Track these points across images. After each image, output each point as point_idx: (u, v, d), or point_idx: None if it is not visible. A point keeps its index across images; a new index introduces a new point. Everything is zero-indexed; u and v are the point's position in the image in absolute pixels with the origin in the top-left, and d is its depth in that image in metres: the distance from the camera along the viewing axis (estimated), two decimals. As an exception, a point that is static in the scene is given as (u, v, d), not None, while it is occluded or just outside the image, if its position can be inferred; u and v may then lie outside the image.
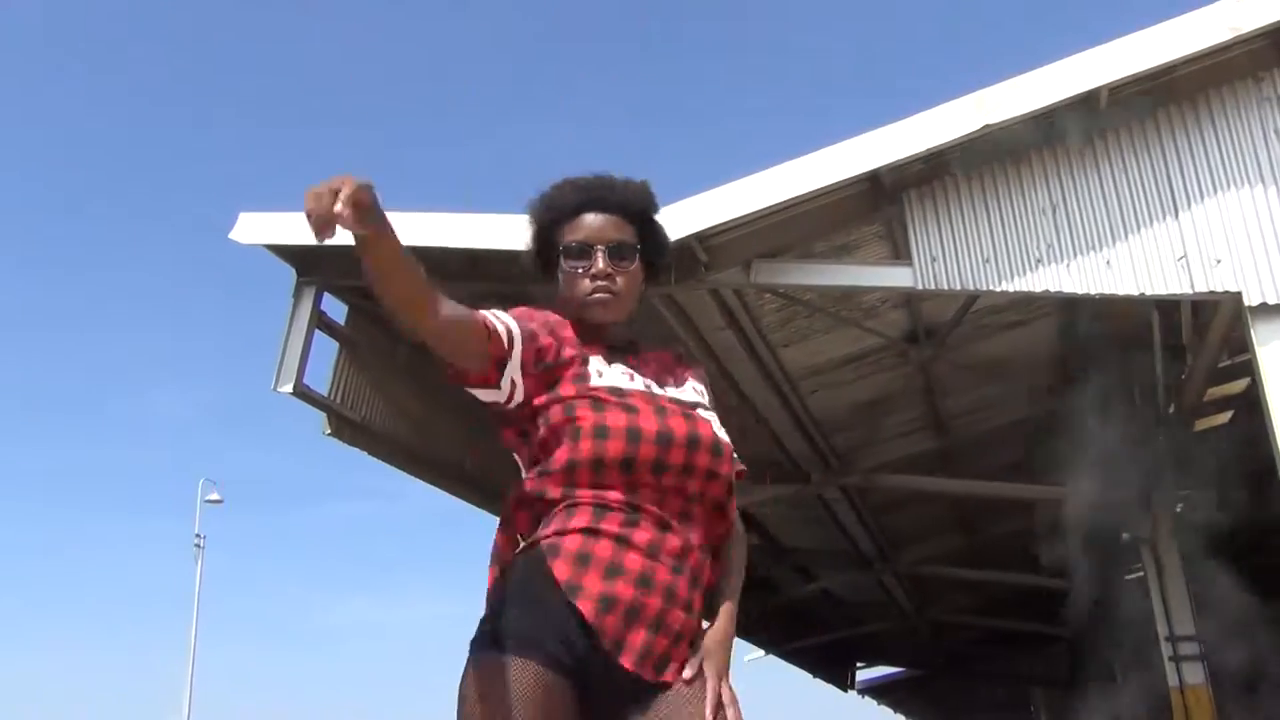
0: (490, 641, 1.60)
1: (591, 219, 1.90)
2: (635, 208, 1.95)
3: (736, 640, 1.86)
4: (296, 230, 5.15)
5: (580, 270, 1.88)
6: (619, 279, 1.88)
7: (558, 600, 1.60)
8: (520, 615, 1.62)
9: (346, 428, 5.60)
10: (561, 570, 1.62)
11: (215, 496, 26.06)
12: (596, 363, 1.84)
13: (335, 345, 5.53)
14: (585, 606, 1.60)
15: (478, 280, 5.14)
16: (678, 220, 4.67)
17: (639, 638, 1.63)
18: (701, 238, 4.82)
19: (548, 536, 1.66)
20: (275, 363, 5.11)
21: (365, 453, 5.78)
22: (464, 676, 1.61)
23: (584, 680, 1.61)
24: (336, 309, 5.53)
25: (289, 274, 5.30)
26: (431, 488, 6.57)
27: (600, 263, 1.87)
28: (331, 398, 5.44)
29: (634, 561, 1.67)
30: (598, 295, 1.87)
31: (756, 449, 7.56)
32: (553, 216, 1.93)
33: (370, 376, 5.76)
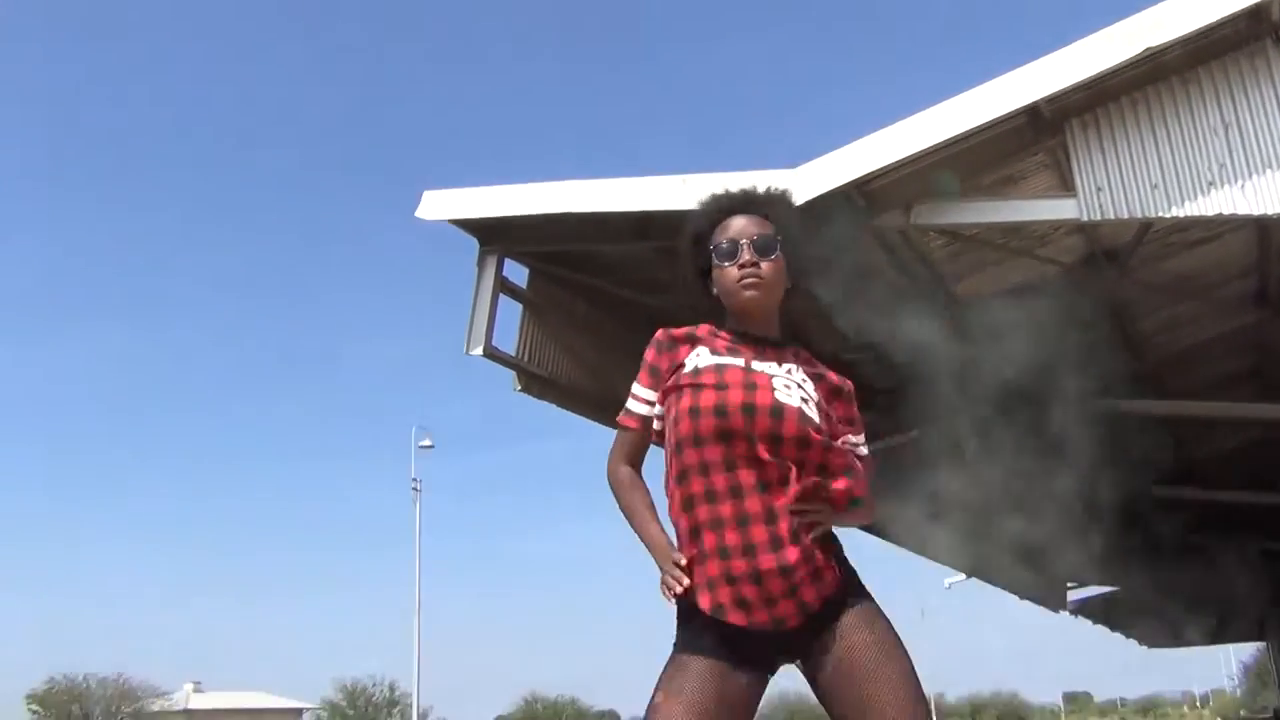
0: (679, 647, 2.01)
1: (737, 220, 2.20)
2: (783, 213, 2.24)
3: (939, 565, 2.24)
4: (476, 204, 5.53)
5: (729, 264, 2.18)
6: (763, 266, 2.16)
7: (697, 620, 1.99)
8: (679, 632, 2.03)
9: (535, 383, 5.98)
10: (695, 591, 1.98)
11: (427, 442, 27.71)
12: (701, 351, 2.13)
13: (519, 307, 5.90)
14: (703, 601, 1.97)
15: (648, 239, 5.40)
16: (835, 169, 4.77)
17: (743, 594, 1.95)
18: (860, 184, 4.90)
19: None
20: (466, 328, 5.53)
21: (553, 404, 6.16)
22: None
23: (740, 656, 1.97)
24: (518, 273, 5.89)
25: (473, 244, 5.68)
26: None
27: (746, 254, 2.16)
28: (519, 356, 5.83)
29: (751, 536, 1.96)
30: (746, 280, 2.16)
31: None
32: (709, 222, 2.24)
33: (553, 333, 6.12)
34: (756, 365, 2.11)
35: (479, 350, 5.48)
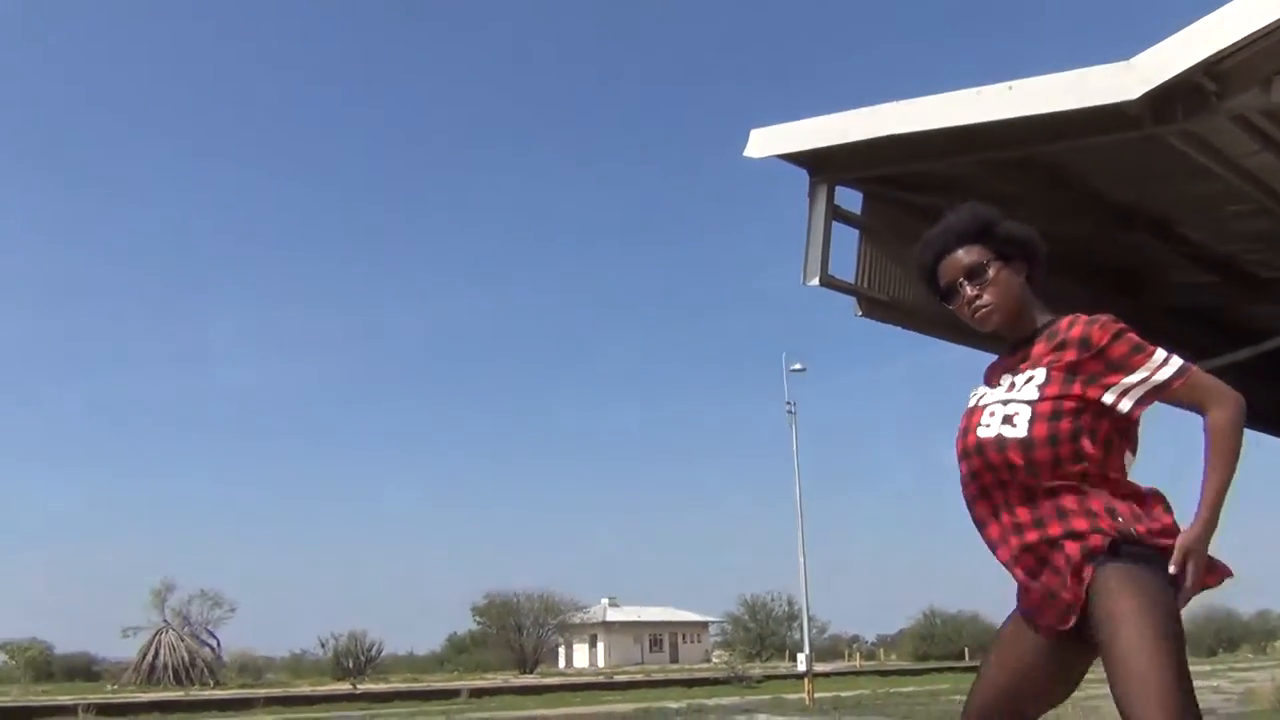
0: None
1: (945, 265, 2.44)
2: (969, 232, 2.43)
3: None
4: (802, 137, 5.64)
5: (957, 306, 2.44)
6: (985, 293, 2.37)
7: None
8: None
9: (877, 307, 6.03)
10: None
11: (798, 366, 28.14)
12: (978, 390, 2.41)
13: (854, 234, 5.96)
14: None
15: (976, 153, 5.28)
16: (1170, 57, 4.42)
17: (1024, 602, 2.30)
18: (1207, 66, 4.50)
19: None
20: (801, 259, 5.68)
21: (899, 327, 6.19)
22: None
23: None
24: (850, 200, 5.94)
25: (803, 176, 5.80)
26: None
27: (968, 292, 2.39)
28: (858, 283, 5.90)
29: (1002, 554, 2.28)
30: (980, 315, 2.40)
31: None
32: (927, 281, 2.52)
33: (891, 255, 6.12)
34: (987, 397, 2.35)
35: (815, 280, 5.62)
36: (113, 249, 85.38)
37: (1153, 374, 2.21)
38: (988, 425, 2.29)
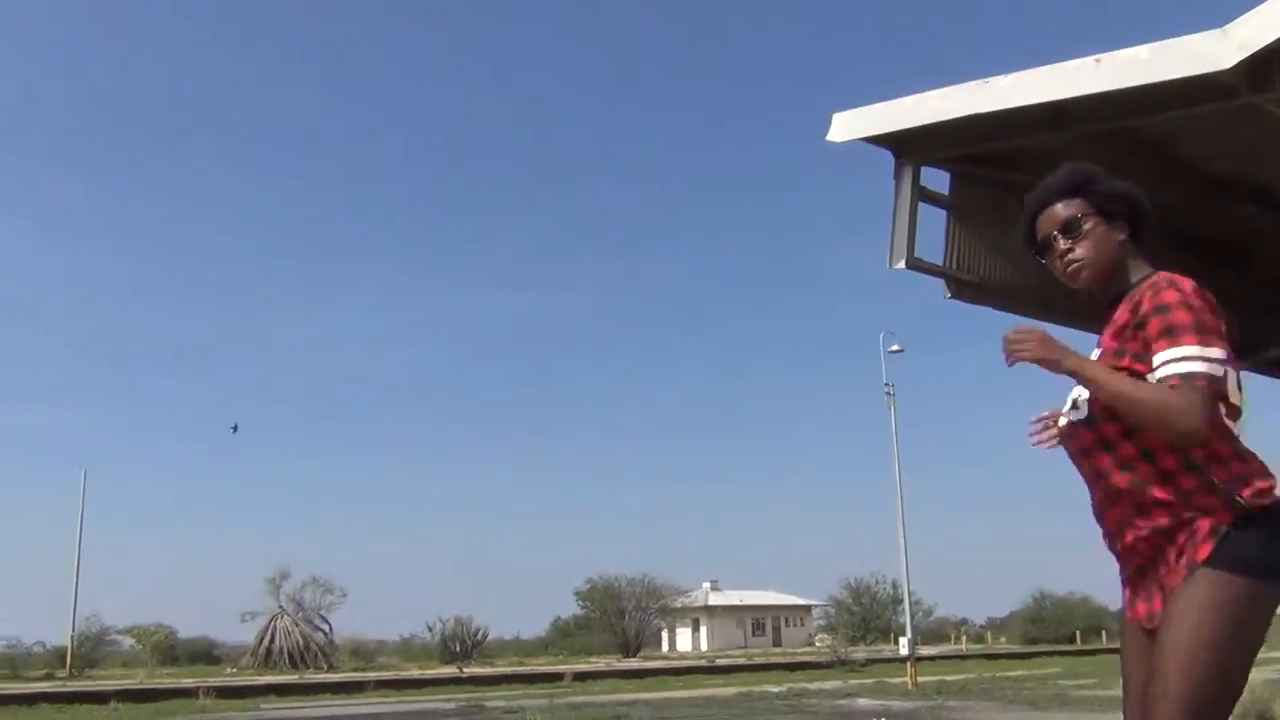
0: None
1: (1041, 220, 2.42)
2: (1067, 187, 2.40)
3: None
4: (886, 119, 5.59)
5: (1050, 261, 2.41)
6: (1078, 247, 2.33)
7: None
8: None
9: (966, 288, 5.95)
10: None
11: (896, 347, 27.77)
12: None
13: (940, 215, 5.88)
14: None
15: (1066, 129, 5.17)
16: (1268, 21, 4.26)
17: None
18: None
19: None
20: (887, 242, 5.63)
21: (988, 306, 6.09)
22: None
23: None
24: (935, 180, 5.87)
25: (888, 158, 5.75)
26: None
27: (1060, 245, 2.36)
28: (946, 265, 5.82)
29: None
30: (1070, 269, 2.36)
31: None
32: (1028, 240, 2.49)
33: (981, 235, 6.03)
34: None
35: (901, 263, 5.57)
36: (234, 238, 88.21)
37: (1162, 365, 2.11)
38: (1065, 414, 2.35)
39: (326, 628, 45.61)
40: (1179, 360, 2.07)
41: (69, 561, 41.71)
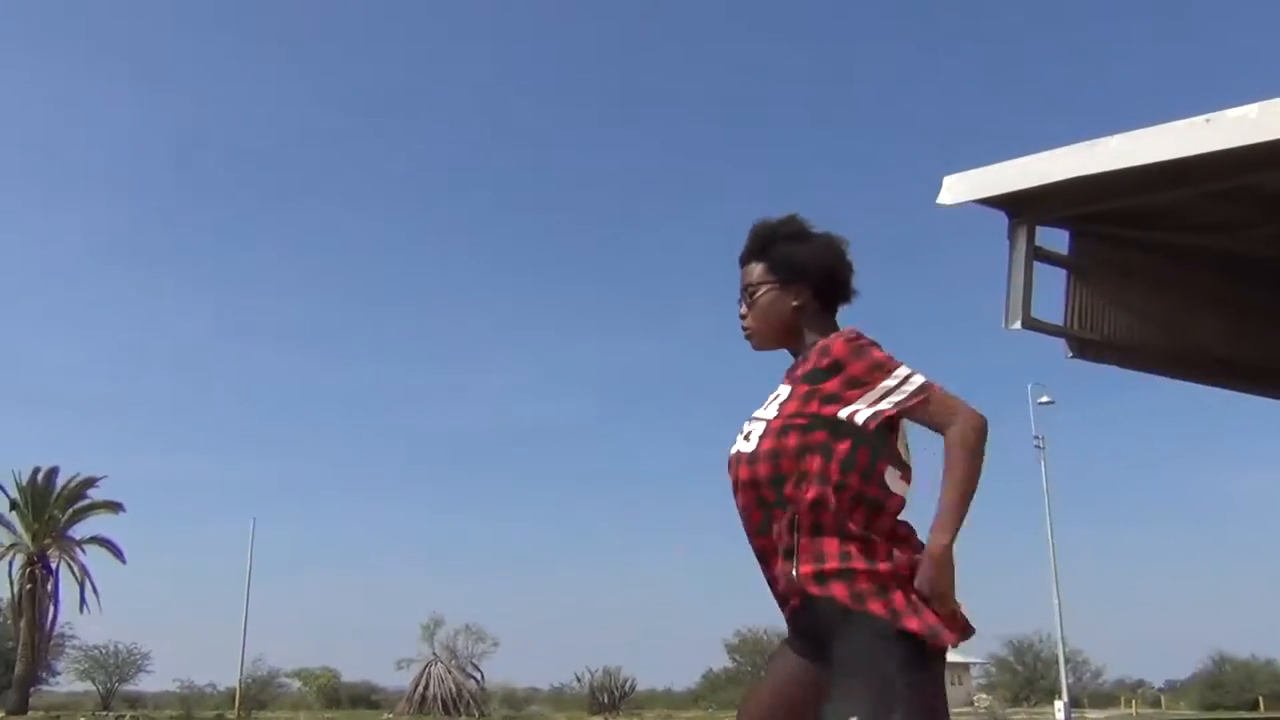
0: None
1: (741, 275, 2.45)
2: (753, 250, 2.41)
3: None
4: (996, 181, 5.60)
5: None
6: (750, 314, 2.39)
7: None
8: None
9: (1089, 347, 5.86)
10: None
11: (1046, 399, 26.97)
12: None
13: (1057, 273, 5.82)
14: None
15: (1183, 186, 5.11)
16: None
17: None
18: None
19: None
20: (1002, 303, 5.61)
21: (1113, 365, 5.98)
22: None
23: None
24: (1054, 237, 5.82)
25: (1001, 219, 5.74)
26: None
27: (740, 309, 2.43)
28: (1067, 324, 5.75)
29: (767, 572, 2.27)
30: (744, 334, 2.43)
31: None
32: None
33: (1103, 292, 5.94)
34: (757, 413, 2.30)
35: (1017, 324, 5.53)
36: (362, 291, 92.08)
37: (890, 391, 2.13)
38: (744, 440, 2.28)
39: (479, 675, 46.47)
40: (904, 381, 2.14)
41: (239, 606, 43.75)
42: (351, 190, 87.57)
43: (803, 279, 2.35)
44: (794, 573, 2.13)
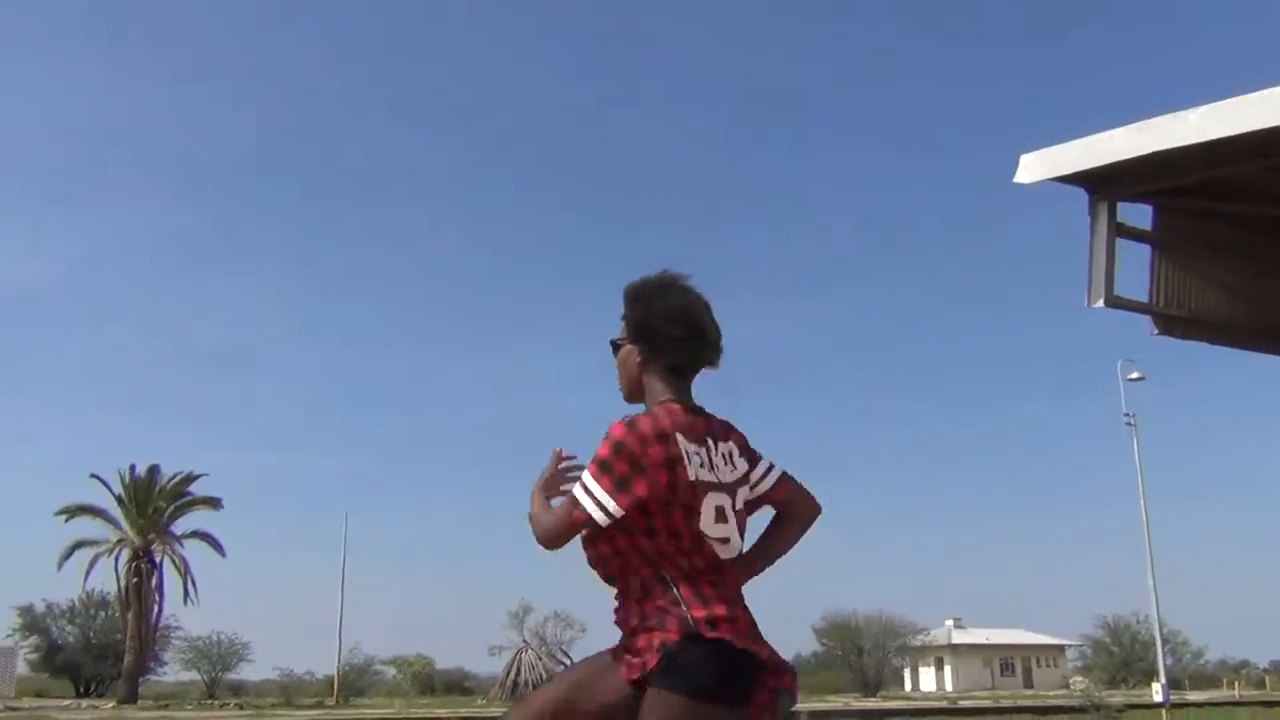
0: None
1: None
2: (624, 305, 2.56)
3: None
4: (1075, 158, 5.51)
5: None
6: (618, 368, 2.57)
7: None
8: None
9: (1176, 324, 5.75)
10: None
11: (1136, 375, 26.27)
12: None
13: (1145, 249, 5.72)
14: None
15: (1264, 158, 4.98)
16: None
17: None
18: None
19: None
20: (1084, 281, 5.53)
21: (1203, 342, 5.86)
22: None
23: None
24: (1137, 213, 5.72)
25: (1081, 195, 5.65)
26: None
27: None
28: (1152, 301, 5.66)
29: None
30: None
31: None
32: None
33: (1191, 267, 5.82)
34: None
35: (1100, 302, 5.45)
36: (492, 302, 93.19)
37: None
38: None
39: (568, 661, 46.95)
40: (579, 485, 2.34)
41: (335, 597, 44.82)
42: (437, 191, 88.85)
43: (642, 339, 2.50)
44: None
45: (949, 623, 68.87)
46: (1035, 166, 5.60)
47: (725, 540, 2.37)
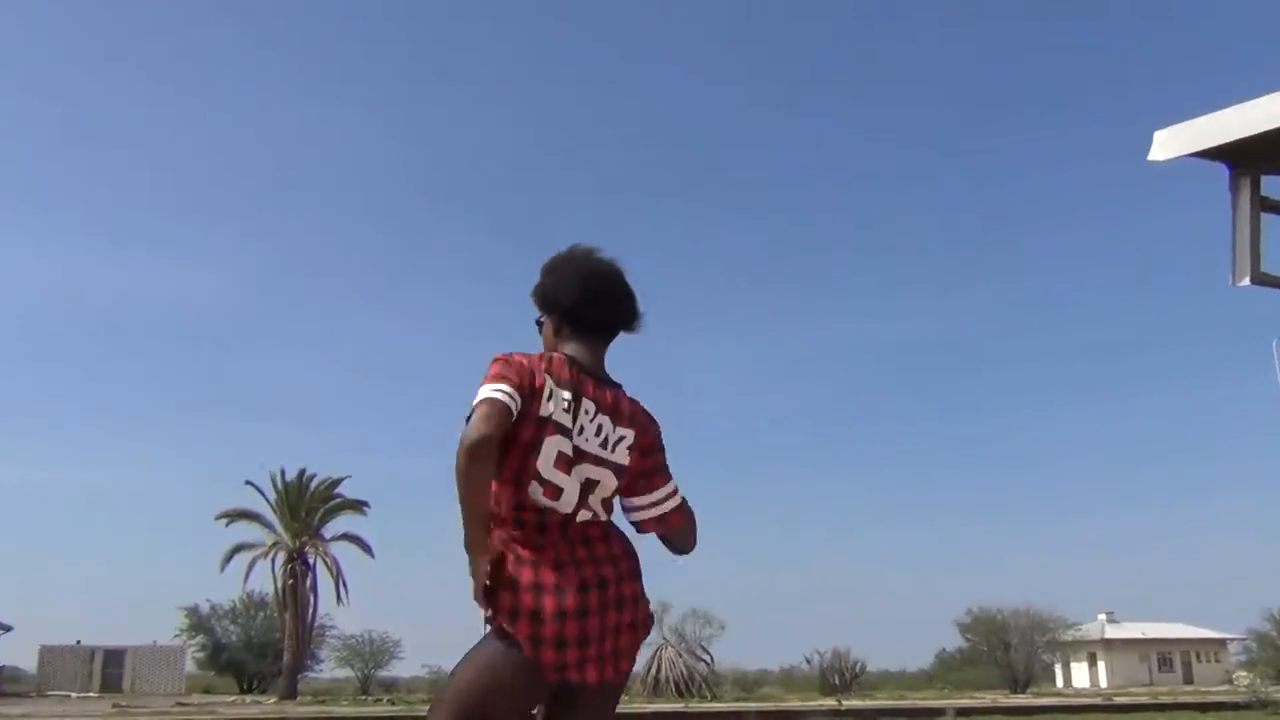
0: None
1: None
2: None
3: None
4: (1213, 132, 5.34)
5: None
6: None
7: None
8: None
9: (1327, 298, 5.52)
10: None
11: (1295, 352, 24.98)
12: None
13: (1289, 224, 5.50)
14: None
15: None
16: None
17: None
18: None
19: None
20: (1228, 258, 5.35)
21: (1359, 318, 5.60)
22: None
23: None
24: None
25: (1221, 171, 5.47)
26: None
27: None
28: (1309, 278, 5.44)
29: None
30: None
31: None
32: None
33: (1344, 240, 5.57)
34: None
35: (1246, 280, 5.27)
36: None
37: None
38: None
39: (708, 659, 47.09)
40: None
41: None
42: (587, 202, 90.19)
43: (548, 309, 2.65)
44: None
45: (1101, 617, 66.59)
46: (1170, 143, 5.45)
47: (559, 491, 2.45)
